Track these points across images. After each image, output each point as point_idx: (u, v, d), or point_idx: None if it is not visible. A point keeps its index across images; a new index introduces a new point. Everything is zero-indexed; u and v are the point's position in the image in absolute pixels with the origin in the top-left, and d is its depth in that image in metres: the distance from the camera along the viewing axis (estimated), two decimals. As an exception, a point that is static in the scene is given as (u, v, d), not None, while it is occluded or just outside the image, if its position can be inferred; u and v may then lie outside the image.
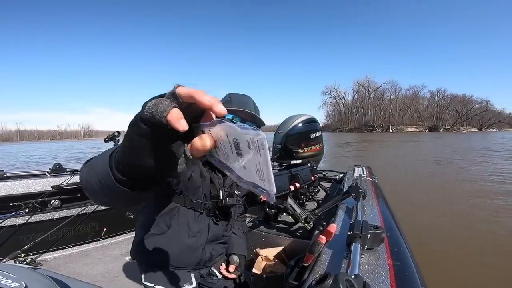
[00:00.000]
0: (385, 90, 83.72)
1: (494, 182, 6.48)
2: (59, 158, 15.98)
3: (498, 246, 3.11)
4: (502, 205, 4.59)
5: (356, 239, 0.73)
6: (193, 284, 0.96)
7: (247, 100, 1.05)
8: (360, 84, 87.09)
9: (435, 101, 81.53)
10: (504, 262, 2.76)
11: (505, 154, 12.45)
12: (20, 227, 1.90)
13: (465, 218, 4.04)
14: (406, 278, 0.63)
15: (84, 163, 0.48)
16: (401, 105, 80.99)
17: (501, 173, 7.65)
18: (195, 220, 0.97)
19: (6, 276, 0.75)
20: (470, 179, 6.91)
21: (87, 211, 2.14)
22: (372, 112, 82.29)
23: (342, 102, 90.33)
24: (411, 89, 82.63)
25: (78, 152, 22.32)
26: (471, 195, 5.27)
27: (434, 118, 79.87)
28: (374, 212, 1.15)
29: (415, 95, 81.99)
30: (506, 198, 5.03)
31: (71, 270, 1.86)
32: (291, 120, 2.36)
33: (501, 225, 3.71)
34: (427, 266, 2.59)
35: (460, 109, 79.56)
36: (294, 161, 2.30)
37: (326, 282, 0.47)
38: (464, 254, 2.95)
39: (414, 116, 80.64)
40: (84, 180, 0.43)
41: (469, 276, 2.53)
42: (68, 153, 22.30)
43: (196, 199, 0.95)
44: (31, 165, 13.97)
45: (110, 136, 2.56)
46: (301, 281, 0.73)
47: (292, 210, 1.44)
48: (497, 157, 11.63)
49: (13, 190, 1.91)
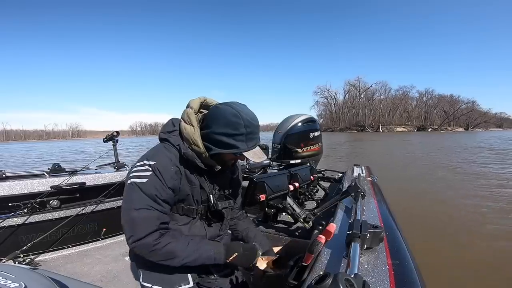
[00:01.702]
0: (375, 90, 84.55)
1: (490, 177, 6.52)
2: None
3: (498, 245, 3.12)
4: (502, 204, 4.61)
5: (355, 238, 0.73)
6: (190, 284, 0.96)
7: (257, 142, 0.93)
8: (351, 84, 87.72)
9: (423, 101, 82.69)
10: (504, 261, 2.77)
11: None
12: (19, 227, 1.90)
13: (465, 218, 4.05)
14: (406, 277, 0.63)
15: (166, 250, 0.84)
16: (390, 105, 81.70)
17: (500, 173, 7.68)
18: (190, 225, 0.97)
19: (6, 277, 0.74)
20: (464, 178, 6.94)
21: (86, 211, 2.14)
22: (362, 112, 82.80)
23: (333, 102, 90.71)
24: (401, 89, 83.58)
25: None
26: (469, 194, 5.29)
27: (422, 118, 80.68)
28: (373, 211, 1.15)
29: (404, 95, 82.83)
30: (506, 197, 5.05)
31: (70, 270, 1.86)
32: (290, 120, 2.36)
33: (501, 224, 3.72)
34: (427, 266, 2.60)
35: (448, 109, 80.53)
36: (294, 161, 2.30)
37: (326, 281, 0.47)
38: (464, 254, 2.96)
39: (403, 116, 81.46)
40: (160, 256, 0.84)
41: (469, 275, 2.54)
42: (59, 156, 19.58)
43: (187, 206, 0.95)
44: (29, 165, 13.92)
45: (109, 136, 2.56)
46: (300, 280, 0.73)
47: (291, 209, 1.44)
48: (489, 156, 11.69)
49: (12, 190, 1.90)
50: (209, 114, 0.92)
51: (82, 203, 2.15)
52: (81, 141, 63.83)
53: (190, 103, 0.95)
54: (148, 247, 0.82)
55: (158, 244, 0.83)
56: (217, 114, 0.89)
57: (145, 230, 0.82)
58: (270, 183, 1.33)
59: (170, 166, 0.87)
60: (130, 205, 0.82)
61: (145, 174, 0.83)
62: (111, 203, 2.27)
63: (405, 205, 4.48)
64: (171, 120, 0.99)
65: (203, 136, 0.90)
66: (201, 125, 0.92)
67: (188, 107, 0.94)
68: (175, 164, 0.89)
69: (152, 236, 0.83)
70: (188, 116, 0.91)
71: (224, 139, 0.86)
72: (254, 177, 1.32)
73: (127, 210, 0.83)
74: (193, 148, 0.89)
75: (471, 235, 3.42)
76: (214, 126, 0.87)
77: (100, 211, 2.23)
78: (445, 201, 4.95)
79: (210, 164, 0.92)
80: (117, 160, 2.62)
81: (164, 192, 0.85)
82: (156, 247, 0.83)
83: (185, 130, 0.89)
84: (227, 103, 0.91)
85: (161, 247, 0.83)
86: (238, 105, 0.89)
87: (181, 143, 0.90)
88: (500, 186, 5.96)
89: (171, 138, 0.92)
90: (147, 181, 0.82)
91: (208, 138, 0.89)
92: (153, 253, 0.84)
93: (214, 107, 0.92)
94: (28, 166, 12.90)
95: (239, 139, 0.87)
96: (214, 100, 0.99)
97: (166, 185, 0.85)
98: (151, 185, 0.83)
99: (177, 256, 0.86)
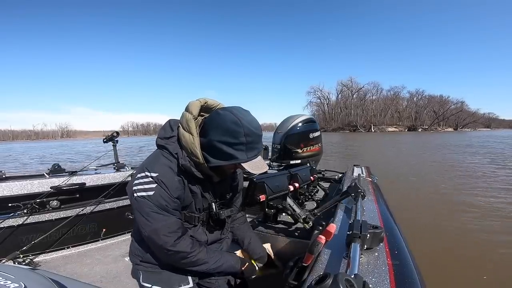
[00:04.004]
0: (368, 90, 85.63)
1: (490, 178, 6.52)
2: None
3: (499, 245, 3.12)
4: (501, 203, 4.61)
5: (355, 239, 0.73)
6: (189, 284, 0.96)
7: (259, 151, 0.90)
8: (343, 84, 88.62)
9: (414, 101, 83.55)
10: (505, 261, 2.77)
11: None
12: (18, 227, 1.89)
13: (465, 217, 4.05)
14: (406, 278, 0.63)
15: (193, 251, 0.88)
16: (382, 105, 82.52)
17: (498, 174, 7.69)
18: (192, 231, 0.97)
19: (5, 277, 0.74)
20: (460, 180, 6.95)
21: (86, 211, 2.13)
22: (355, 112, 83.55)
23: (326, 102, 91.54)
24: (392, 90, 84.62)
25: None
26: (468, 194, 5.29)
27: (413, 118, 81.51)
28: (373, 212, 1.15)
29: (395, 95, 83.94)
30: (505, 197, 5.05)
31: (70, 271, 1.85)
32: (290, 120, 2.36)
33: (500, 223, 3.72)
34: (427, 266, 2.60)
35: (437, 110, 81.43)
36: (294, 161, 2.30)
37: (326, 282, 0.47)
38: (464, 253, 2.96)
39: (395, 116, 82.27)
40: (193, 263, 0.90)
41: (469, 275, 2.54)
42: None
43: (189, 213, 0.95)
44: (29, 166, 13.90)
45: (108, 136, 2.56)
46: (300, 281, 0.73)
47: (291, 210, 1.44)
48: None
49: (11, 190, 1.90)
50: (209, 120, 0.86)
51: (82, 203, 2.15)
52: (71, 142, 63.31)
53: (190, 106, 0.88)
54: (184, 254, 0.87)
55: (194, 251, 0.89)
56: (217, 120, 0.83)
57: (172, 237, 0.85)
58: (270, 183, 1.33)
59: (173, 176, 0.86)
60: (146, 219, 0.83)
61: (151, 187, 0.82)
62: (111, 203, 2.27)
63: (405, 205, 4.49)
64: (169, 122, 0.94)
65: (202, 144, 0.85)
66: (201, 131, 0.87)
67: (186, 110, 0.88)
68: (176, 173, 0.86)
69: (184, 242, 0.87)
70: (187, 123, 0.85)
71: (224, 148, 0.82)
72: (254, 177, 1.32)
73: (146, 224, 0.83)
74: (191, 158, 0.85)
75: (471, 235, 3.42)
76: (213, 134, 0.82)
77: (100, 212, 2.23)
78: (445, 201, 4.95)
79: (209, 174, 0.89)
80: (117, 161, 2.62)
81: (172, 202, 0.85)
82: (192, 255, 0.88)
83: (184, 138, 0.85)
84: (228, 109, 0.85)
85: (195, 254, 0.89)
86: (240, 111, 0.84)
87: (180, 152, 0.86)
88: (502, 185, 5.97)
89: (169, 145, 0.88)
90: (154, 193, 0.82)
91: (207, 146, 0.85)
92: (188, 259, 0.88)
93: (214, 112, 0.86)
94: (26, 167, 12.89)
95: (239, 149, 0.82)
96: (216, 101, 0.92)
97: (172, 196, 0.85)
98: (159, 196, 0.82)
99: (205, 263, 0.92)
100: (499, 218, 3.96)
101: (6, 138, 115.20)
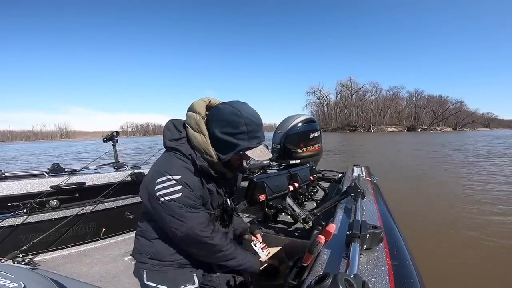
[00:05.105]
0: (367, 91, 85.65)
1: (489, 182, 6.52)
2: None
3: (499, 245, 3.12)
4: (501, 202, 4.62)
5: (355, 239, 0.73)
6: (195, 284, 0.96)
7: (263, 142, 0.94)
8: (343, 84, 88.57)
9: (413, 101, 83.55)
10: (505, 260, 2.77)
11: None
12: (18, 227, 1.89)
13: (465, 217, 4.05)
14: (405, 278, 0.63)
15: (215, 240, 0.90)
16: (381, 106, 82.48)
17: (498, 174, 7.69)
18: None
19: (5, 277, 0.74)
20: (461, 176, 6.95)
21: (85, 211, 2.13)
22: (354, 112, 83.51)
23: (326, 103, 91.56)
24: (391, 90, 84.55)
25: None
26: (468, 194, 5.30)
27: (412, 118, 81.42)
28: (373, 212, 1.15)
29: (394, 95, 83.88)
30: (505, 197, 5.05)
31: (70, 271, 1.85)
32: (290, 120, 2.36)
33: (500, 223, 3.73)
34: (427, 266, 2.60)
35: (436, 110, 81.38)
36: (293, 161, 2.30)
37: (325, 282, 0.47)
38: (464, 253, 2.96)
39: (394, 116, 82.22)
40: (225, 256, 0.94)
41: (469, 275, 2.54)
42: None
43: (206, 210, 0.96)
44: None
45: (108, 136, 2.55)
46: (300, 281, 0.73)
47: (291, 210, 1.44)
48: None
49: (11, 190, 1.90)
50: (210, 115, 0.90)
51: (81, 203, 2.14)
52: (70, 142, 63.14)
53: (196, 107, 0.90)
54: (219, 247, 0.92)
55: (227, 245, 0.94)
56: (218, 114, 0.88)
57: (207, 231, 0.89)
58: (270, 183, 1.33)
59: (194, 177, 0.88)
60: (179, 219, 0.85)
61: (177, 189, 0.84)
62: (111, 203, 2.26)
63: (404, 204, 4.49)
64: (172, 123, 0.95)
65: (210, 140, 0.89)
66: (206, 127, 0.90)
67: (192, 110, 0.90)
68: (194, 174, 0.89)
69: (218, 235, 0.92)
70: (197, 123, 0.88)
71: (227, 139, 0.86)
72: (254, 177, 1.32)
73: (180, 225, 0.85)
74: (205, 157, 0.88)
75: (471, 235, 3.42)
76: (215, 127, 0.87)
77: (99, 211, 2.22)
78: (444, 200, 4.95)
79: (223, 172, 0.93)
80: (116, 160, 2.61)
81: (198, 200, 0.88)
82: (225, 248, 0.93)
83: (195, 139, 0.88)
84: (227, 102, 0.90)
85: (228, 248, 0.94)
86: (238, 104, 0.88)
87: (193, 153, 0.88)
88: (504, 184, 5.97)
89: (181, 147, 0.90)
90: (182, 195, 0.84)
91: (213, 140, 0.88)
92: (222, 253, 0.93)
93: (215, 108, 0.91)
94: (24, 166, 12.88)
95: (241, 138, 0.86)
96: (218, 100, 0.95)
97: (196, 194, 0.88)
98: (186, 197, 0.85)
99: (234, 258, 0.96)
100: (500, 218, 3.97)
101: (5, 139, 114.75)
